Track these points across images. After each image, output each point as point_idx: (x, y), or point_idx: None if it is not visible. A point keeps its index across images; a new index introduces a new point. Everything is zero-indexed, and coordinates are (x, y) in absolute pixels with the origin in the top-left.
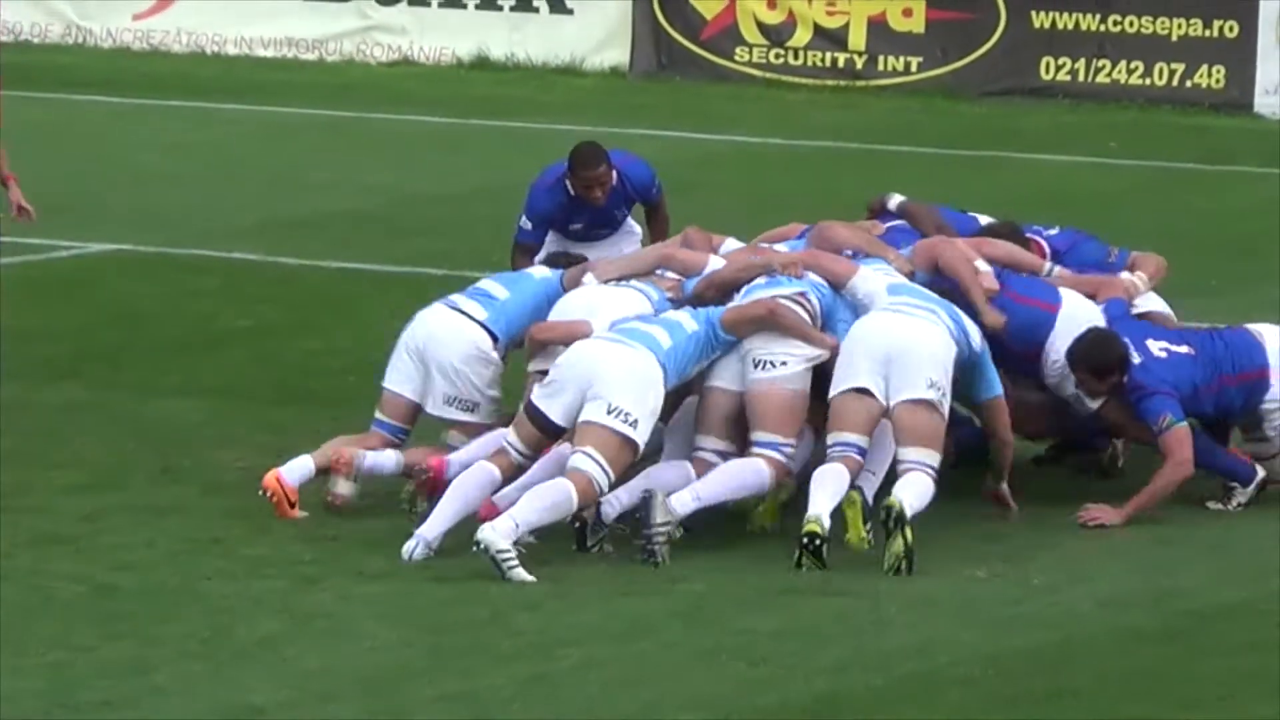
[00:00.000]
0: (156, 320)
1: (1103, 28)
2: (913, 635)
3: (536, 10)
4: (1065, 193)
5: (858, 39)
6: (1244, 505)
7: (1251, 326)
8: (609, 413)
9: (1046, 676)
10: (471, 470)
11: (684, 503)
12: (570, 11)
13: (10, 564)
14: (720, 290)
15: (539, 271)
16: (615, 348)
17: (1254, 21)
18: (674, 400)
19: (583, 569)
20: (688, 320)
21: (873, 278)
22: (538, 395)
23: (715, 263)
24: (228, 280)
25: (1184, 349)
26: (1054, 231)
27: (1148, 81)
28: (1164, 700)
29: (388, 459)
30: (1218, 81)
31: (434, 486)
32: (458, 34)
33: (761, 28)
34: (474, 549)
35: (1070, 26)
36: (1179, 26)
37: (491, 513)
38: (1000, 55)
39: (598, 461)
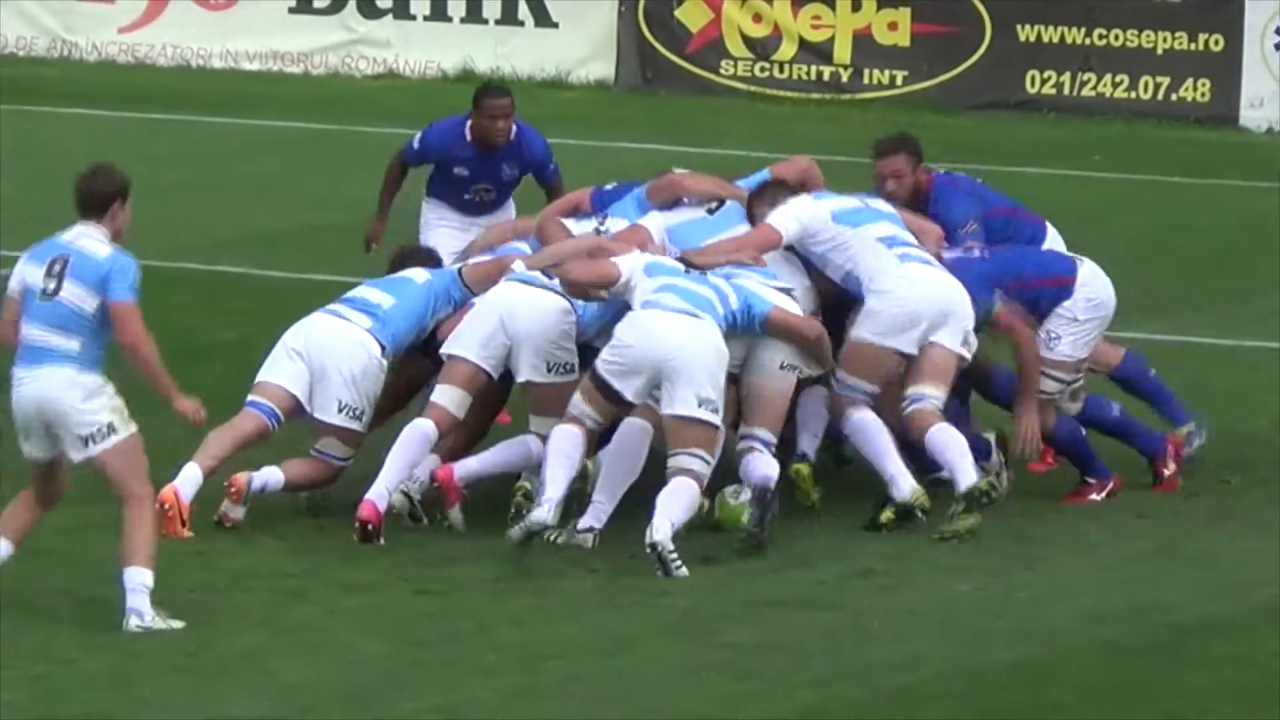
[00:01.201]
0: None
1: (1088, 41)
2: (896, 648)
3: (522, 24)
4: (1050, 206)
5: (843, 52)
6: (998, 480)
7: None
8: (700, 405)
9: (1030, 690)
10: (560, 434)
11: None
12: (556, 25)
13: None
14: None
15: (418, 275)
16: (686, 325)
17: (1239, 35)
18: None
19: (566, 582)
20: (732, 294)
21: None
22: (610, 371)
23: (638, 255)
24: (210, 293)
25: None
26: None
27: (1133, 95)
28: (1147, 714)
29: (273, 477)
30: (1203, 95)
31: (451, 495)
32: (443, 47)
33: (747, 41)
34: (648, 551)
35: (1055, 40)
36: (1164, 40)
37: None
38: (985, 69)
39: (707, 460)
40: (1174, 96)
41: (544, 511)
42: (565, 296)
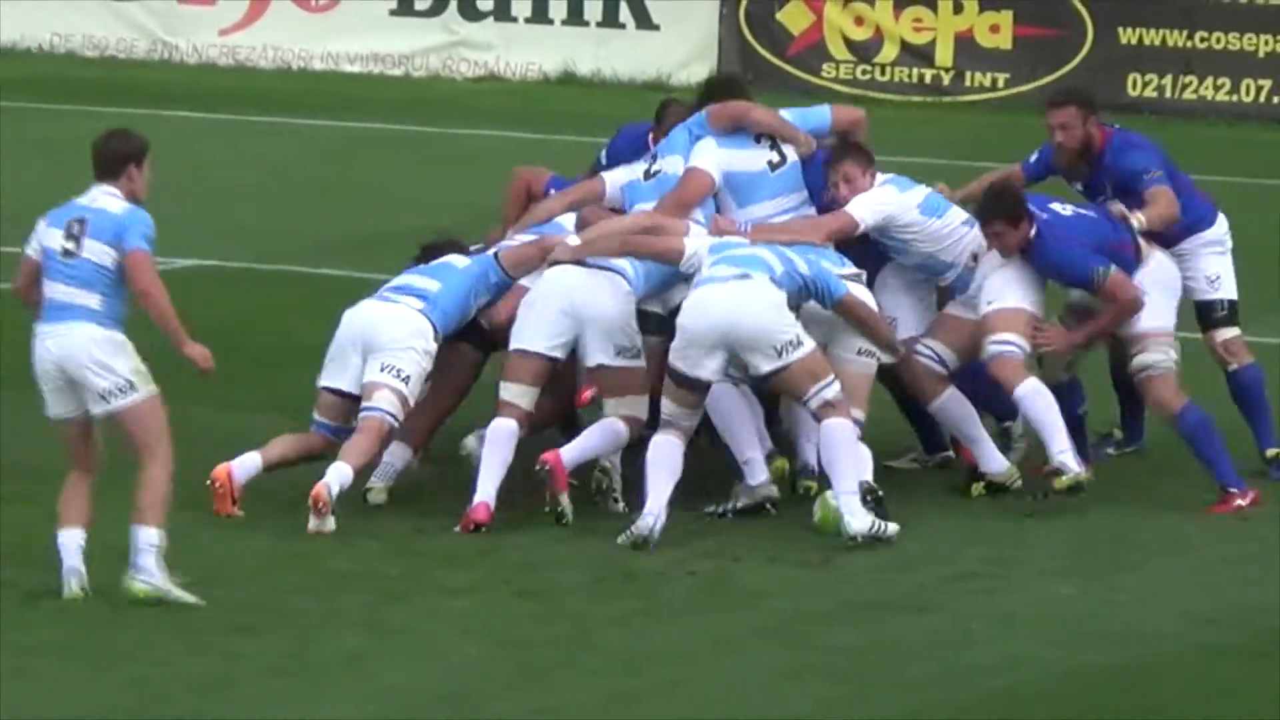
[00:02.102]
0: (241, 336)
1: (1189, 44)
2: (997, 651)
3: (623, 26)
4: None
5: (945, 55)
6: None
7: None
8: (780, 355)
9: (1131, 693)
10: (658, 445)
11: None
12: (657, 27)
13: (93, 579)
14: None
15: (459, 260)
16: (735, 290)
17: None
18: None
19: (667, 584)
20: (800, 261)
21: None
22: (682, 362)
23: (695, 229)
24: (311, 296)
25: (1087, 211)
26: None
27: (1235, 97)
28: (1248, 717)
29: (344, 475)
30: None
31: (560, 478)
32: (544, 49)
33: (849, 44)
34: (849, 542)
35: (1157, 42)
36: (1266, 43)
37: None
38: (1087, 71)
39: (833, 386)
40: (1276, 99)
41: (649, 523)
42: (614, 269)
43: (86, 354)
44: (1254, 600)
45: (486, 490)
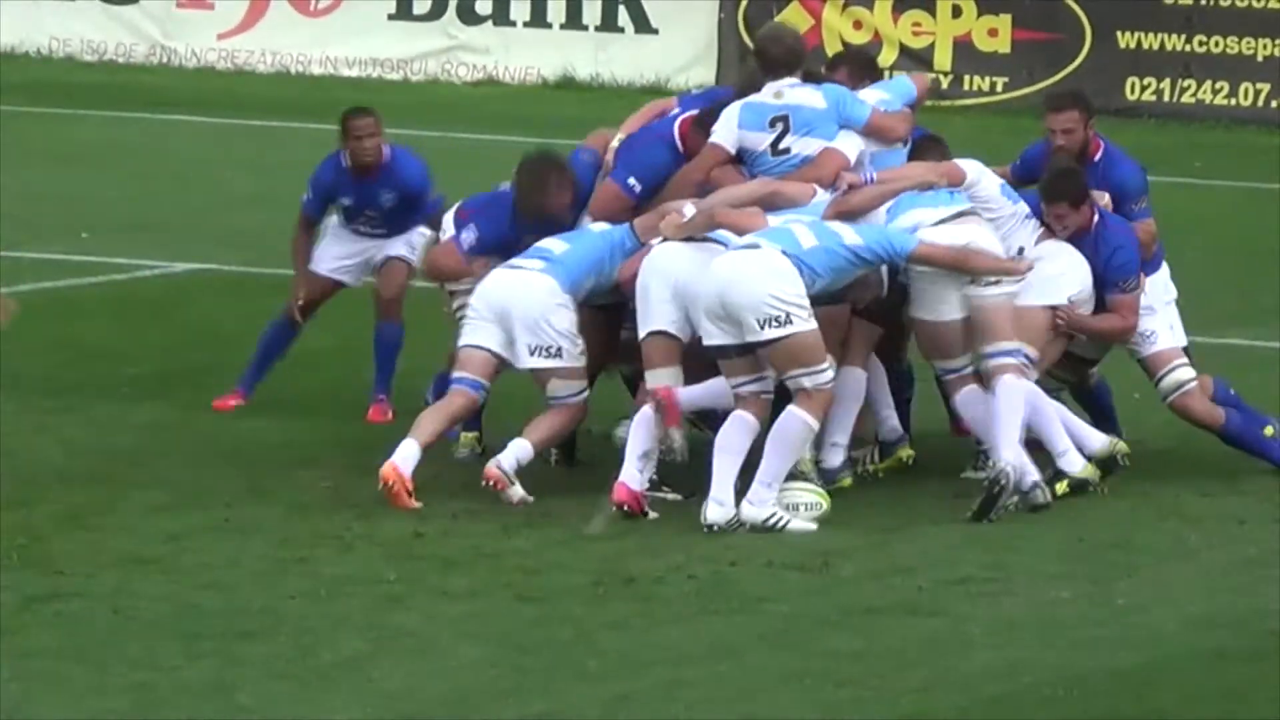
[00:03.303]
0: (242, 340)
1: (1188, 48)
2: (997, 656)
3: (622, 30)
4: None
5: (943, 59)
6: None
7: None
8: (763, 328)
9: (1132, 698)
10: (730, 422)
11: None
12: (656, 31)
13: (94, 584)
14: (856, 215)
15: (597, 226)
16: (733, 259)
17: None
18: None
19: (667, 588)
20: (849, 233)
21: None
22: (707, 338)
23: (822, 194)
24: None
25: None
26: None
27: (1233, 101)
28: None
29: (523, 449)
30: None
31: (672, 412)
32: (543, 54)
33: (847, 47)
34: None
35: (1156, 46)
36: (1264, 46)
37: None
38: (1086, 75)
39: (819, 369)
40: (1274, 103)
41: (722, 512)
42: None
43: None
44: (1254, 604)
45: (630, 471)
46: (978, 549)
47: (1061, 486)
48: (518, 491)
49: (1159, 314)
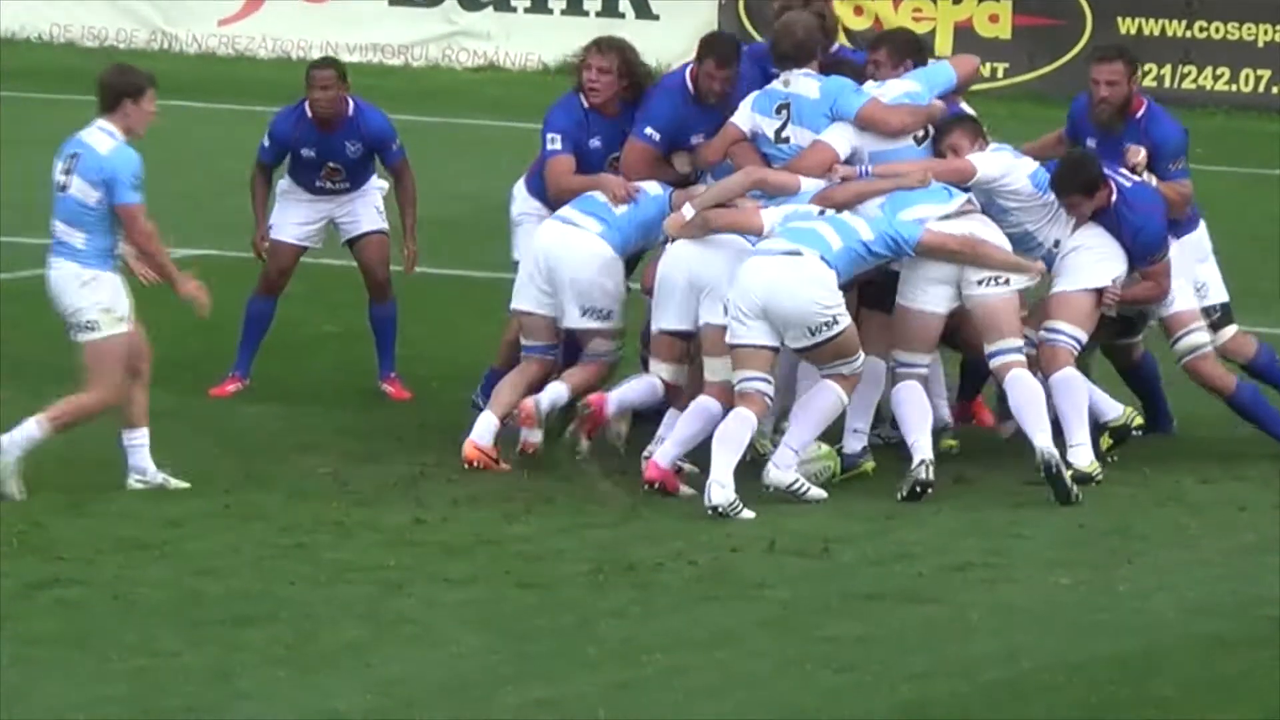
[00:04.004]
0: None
1: (1189, 33)
2: (997, 642)
3: (623, 16)
4: None
5: (944, 45)
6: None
7: None
8: (812, 334)
9: (1131, 684)
10: (731, 418)
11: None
12: (656, 17)
13: (95, 570)
14: (839, 208)
15: (653, 188)
16: (780, 265)
17: None
18: None
19: (667, 575)
20: (864, 228)
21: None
22: (734, 332)
23: (808, 183)
24: (314, 286)
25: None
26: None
27: (1234, 87)
28: (1250, 708)
29: (559, 393)
30: None
31: (595, 424)
32: (544, 40)
33: (848, 34)
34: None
35: (1156, 32)
36: (1265, 32)
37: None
38: (1087, 61)
39: (849, 361)
40: (1275, 89)
41: (725, 494)
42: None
43: (66, 293)
44: (1253, 591)
45: (667, 450)
46: (978, 536)
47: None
48: (538, 435)
49: (1185, 277)
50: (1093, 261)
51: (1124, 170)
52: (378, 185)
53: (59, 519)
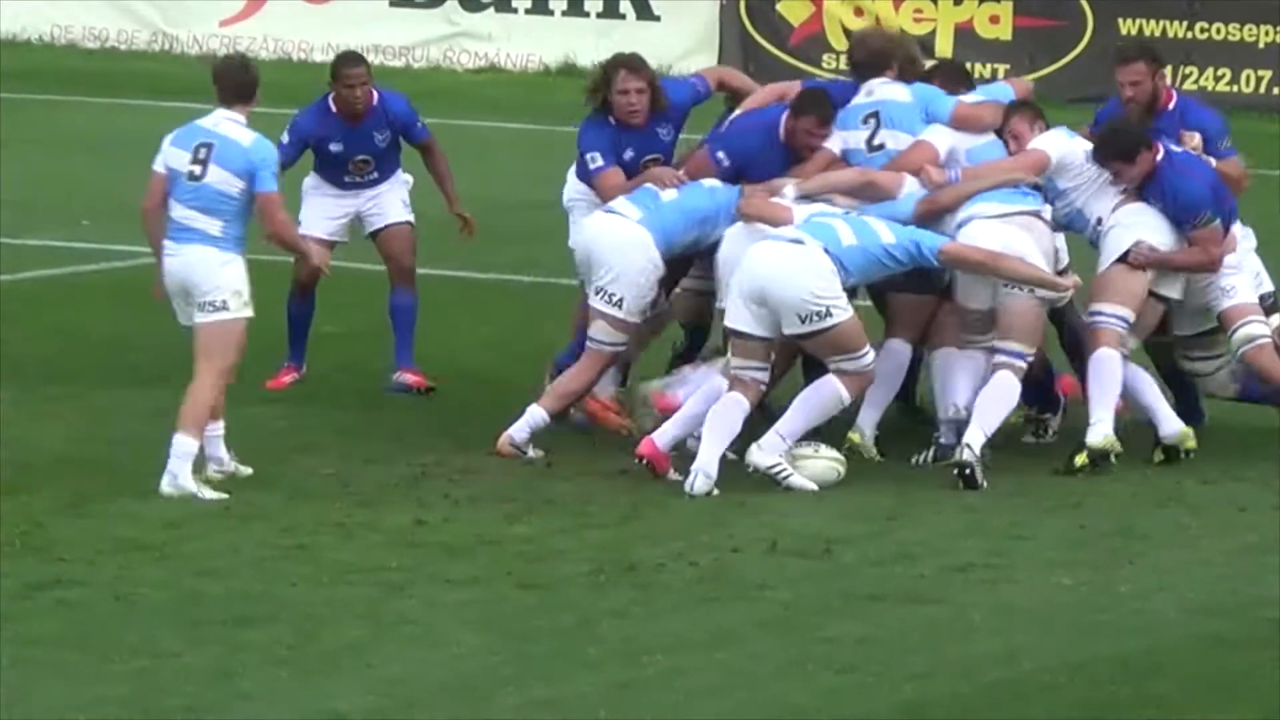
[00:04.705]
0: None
1: (1190, 34)
2: (998, 643)
3: (624, 17)
4: None
5: (945, 45)
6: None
7: None
8: (804, 322)
9: (1133, 684)
10: (723, 402)
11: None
12: (658, 18)
13: (95, 571)
14: (944, 211)
15: (709, 182)
16: (779, 251)
17: None
18: None
19: (667, 576)
20: (885, 231)
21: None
22: (731, 315)
23: (910, 185)
24: (318, 287)
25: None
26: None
27: (1234, 88)
28: (1251, 708)
29: (538, 417)
30: None
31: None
32: (545, 41)
33: (848, 34)
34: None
35: (1157, 33)
36: (1266, 33)
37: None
38: (1087, 62)
39: (853, 357)
40: (1276, 90)
41: (708, 484)
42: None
43: (202, 273)
44: (1254, 591)
45: (674, 434)
46: (979, 536)
47: (1081, 458)
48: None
49: (1242, 268)
50: (1129, 239)
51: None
52: (403, 179)
53: (60, 520)
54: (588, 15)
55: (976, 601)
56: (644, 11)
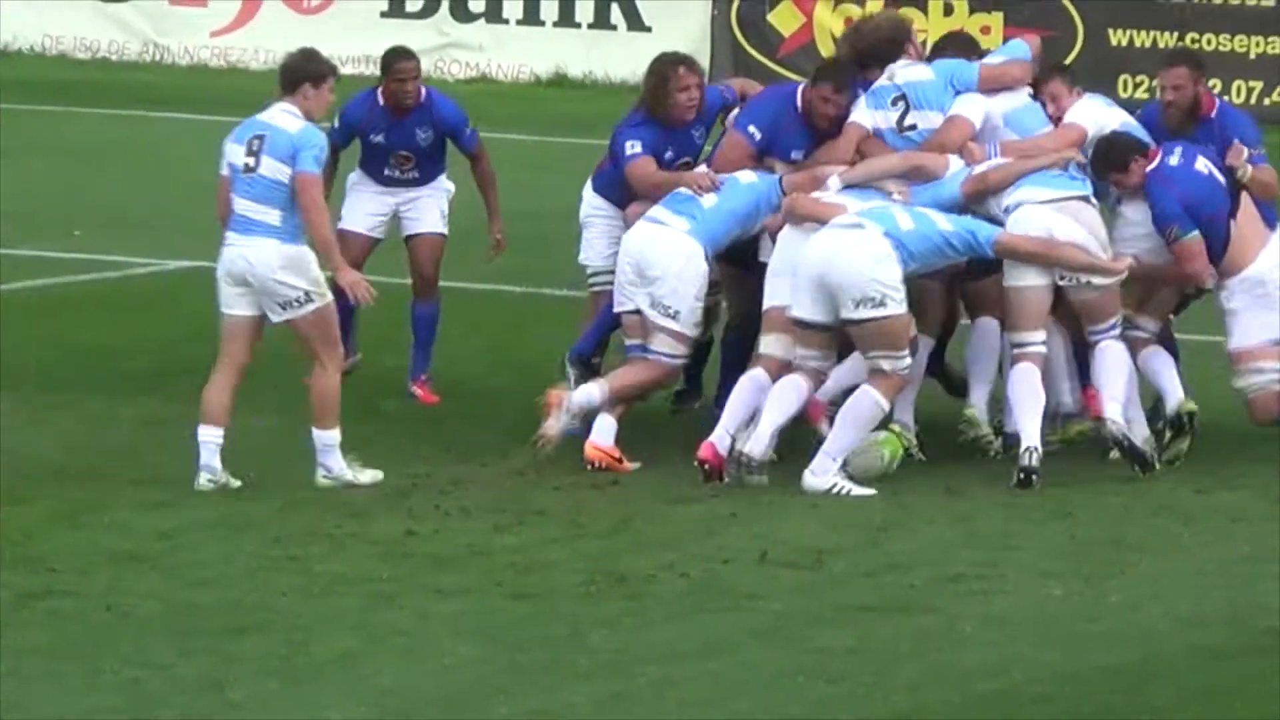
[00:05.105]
0: None
1: (1180, 45)
2: (990, 653)
3: (614, 28)
4: None
5: None
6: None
7: None
8: (857, 307)
9: (1125, 695)
10: (783, 381)
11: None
12: (648, 29)
13: (87, 581)
14: (993, 190)
15: (745, 176)
16: (838, 237)
17: None
18: None
19: (659, 586)
20: (943, 220)
21: None
22: (795, 306)
23: (955, 163)
24: None
25: (1204, 169)
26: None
27: (1226, 99)
28: (1244, 718)
29: (591, 395)
30: None
31: (816, 410)
32: (535, 51)
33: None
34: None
35: (1147, 43)
36: (1256, 44)
37: (818, 412)
38: (1078, 72)
39: (894, 357)
40: (1267, 101)
41: (759, 447)
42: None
43: (271, 269)
44: (1248, 601)
45: (719, 432)
46: (970, 546)
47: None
48: (555, 427)
49: (1256, 313)
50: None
51: (1216, 170)
52: (446, 187)
53: (52, 531)
54: (579, 26)
55: (968, 612)
56: (635, 22)
